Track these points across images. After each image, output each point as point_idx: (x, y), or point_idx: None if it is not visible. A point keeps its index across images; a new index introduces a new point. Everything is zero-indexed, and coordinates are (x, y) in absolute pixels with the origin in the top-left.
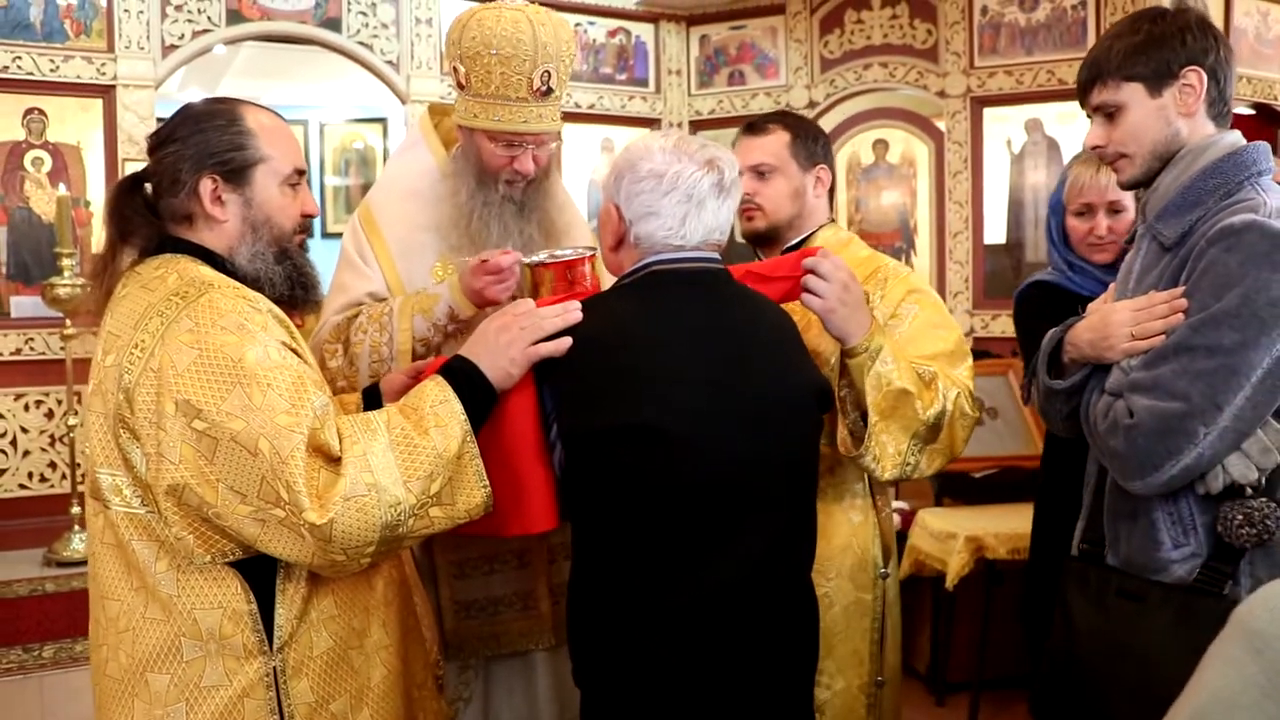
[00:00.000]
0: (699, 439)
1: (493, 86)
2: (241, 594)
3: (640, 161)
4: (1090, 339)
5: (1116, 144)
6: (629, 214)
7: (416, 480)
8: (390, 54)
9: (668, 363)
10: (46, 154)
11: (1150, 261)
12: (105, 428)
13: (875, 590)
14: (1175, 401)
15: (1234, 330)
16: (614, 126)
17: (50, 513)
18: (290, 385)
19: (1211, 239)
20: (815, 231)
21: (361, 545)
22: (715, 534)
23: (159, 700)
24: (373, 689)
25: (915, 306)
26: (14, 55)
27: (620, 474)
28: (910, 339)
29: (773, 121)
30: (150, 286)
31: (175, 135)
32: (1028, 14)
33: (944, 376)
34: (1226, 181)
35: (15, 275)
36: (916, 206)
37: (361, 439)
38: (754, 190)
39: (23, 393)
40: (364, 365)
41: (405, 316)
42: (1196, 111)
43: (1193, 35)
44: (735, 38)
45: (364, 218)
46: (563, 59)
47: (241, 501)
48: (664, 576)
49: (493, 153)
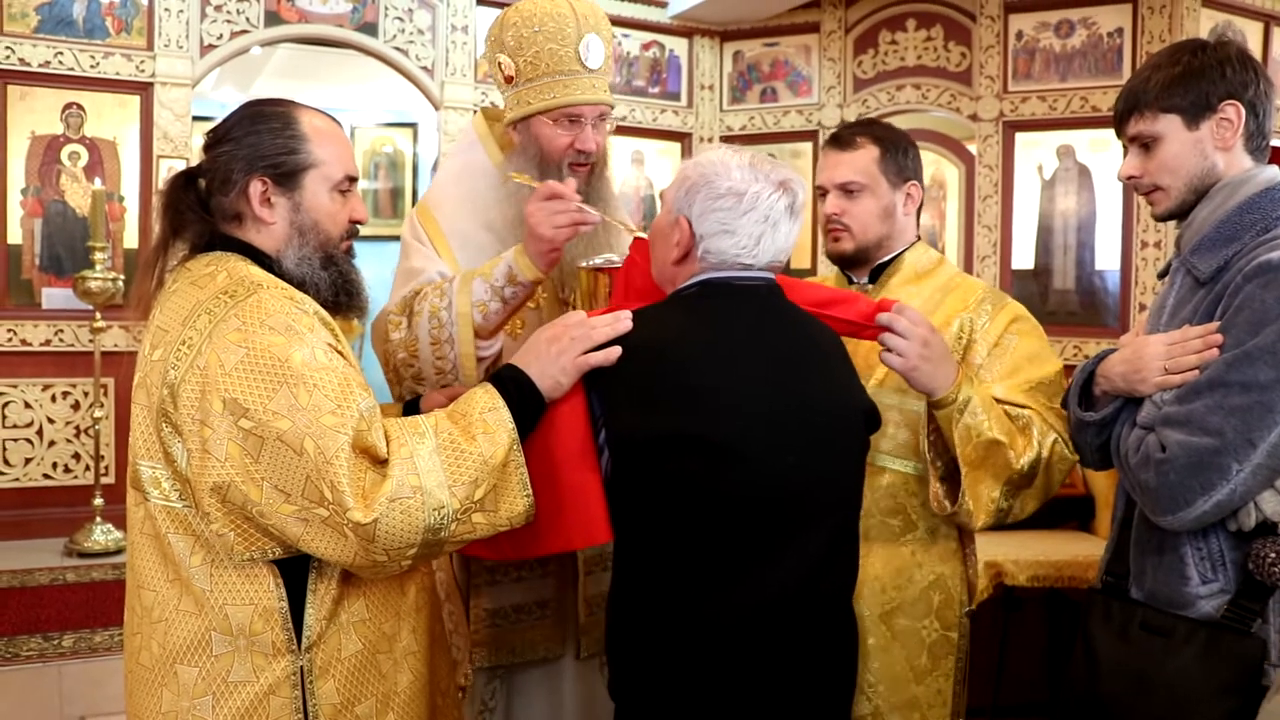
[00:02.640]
0: (748, 451)
1: (543, 65)
2: (274, 591)
3: (717, 178)
4: (1123, 371)
5: (1152, 175)
6: (701, 229)
7: (461, 485)
8: (425, 60)
9: (719, 374)
10: (83, 148)
11: (1184, 295)
12: (148, 421)
13: (960, 629)
14: (1208, 437)
15: (1269, 367)
16: (645, 139)
17: (73, 503)
18: (336, 387)
19: (1248, 275)
20: (903, 251)
21: (404, 546)
22: (759, 548)
23: (186, 692)
24: (399, 694)
25: (1017, 337)
26: (55, 51)
27: (666, 483)
28: (1012, 370)
29: (861, 134)
30: (200, 284)
31: (230, 134)
32: (1063, 40)
33: (1040, 420)
34: (1264, 217)
35: (48, 267)
36: (945, 229)
37: (409, 441)
38: (841, 210)
39: (50, 383)
40: (423, 332)
41: (465, 281)
42: (1234, 145)
43: (1233, 68)
44: (769, 54)
45: (423, 216)
46: (602, 30)
47: (286, 500)
48: (705, 589)
49: (553, 136)
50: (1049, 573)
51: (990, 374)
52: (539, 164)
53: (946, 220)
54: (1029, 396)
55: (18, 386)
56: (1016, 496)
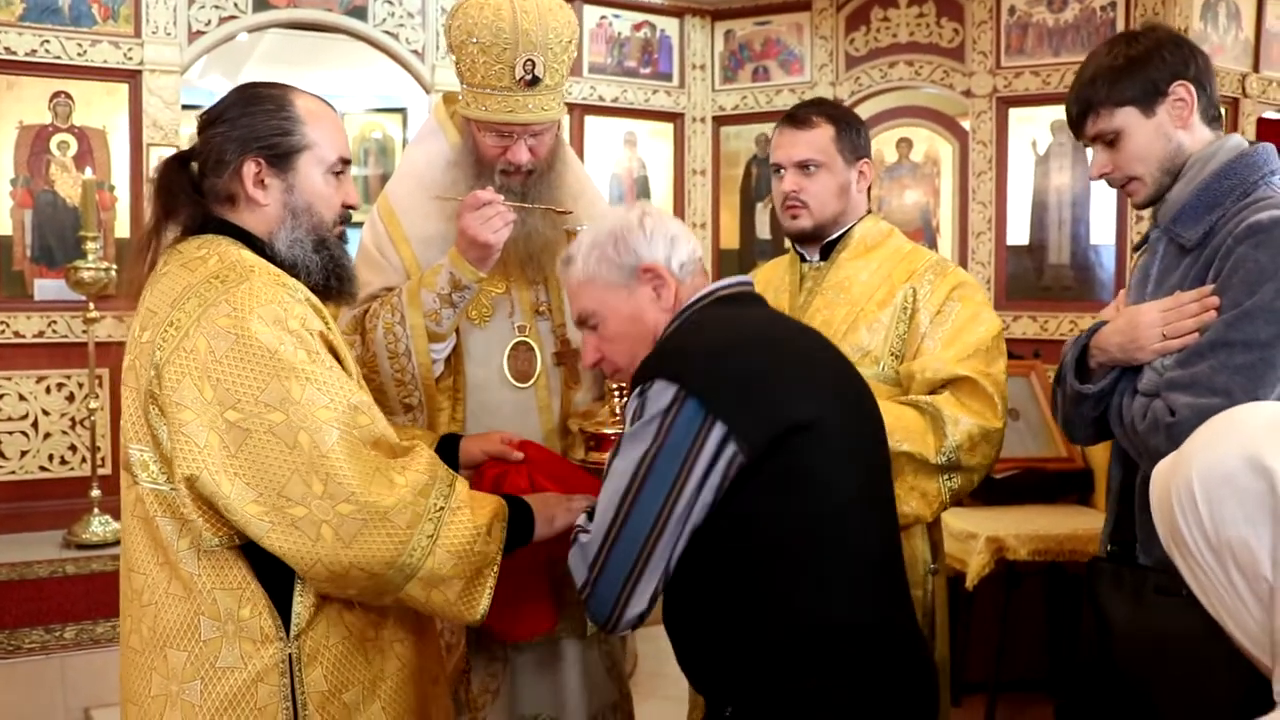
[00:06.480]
0: (845, 434)
1: (478, 76)
2: (259, 578)
3: (615, 226)
4: (1119, 342)
5: (1124, 169)
6: (655, 254)
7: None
8: (415, 43)
9: (797, 357)
10: (72, 138)
11: (1170, 264)
12: (136, 403)
13: (925, 586)
14: (1216, 397)
15: (1269, 324)
16: (637, 120)
17: (70, 495)
18: (330, 381)
19: (1239, 237)
20: (854, 224)
21: (377, 562)
22: (856, 536)
23: (175, 675)
24: (385, 681)
25: (958, 304)
26: (42, 39)
27: (794, 479)
28: (952, 336)
29: (816, 114)
30: (190, 266)
31: (224, 116)
32: (1056, 14)
33: (950, 407)
34: (1243, 181)
35: (39, 258)
36: (939, 206)
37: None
38: (799, 187)
39: (45, 375)
40: (380, 349)
41: (413, 295)
42: (1191, 121)
43: (1169, 50)
44: (760, 33)
45: (383, 209)
46: (550, 47)
47: (256, 498)
48: (825, 583)
49: (485, 142)
50: (1050, 546)
51: (933, 342)
52: (475, 164)
53: (941, 197)
54: (965, 365)
55: (12, 379)
56: (957, 477)
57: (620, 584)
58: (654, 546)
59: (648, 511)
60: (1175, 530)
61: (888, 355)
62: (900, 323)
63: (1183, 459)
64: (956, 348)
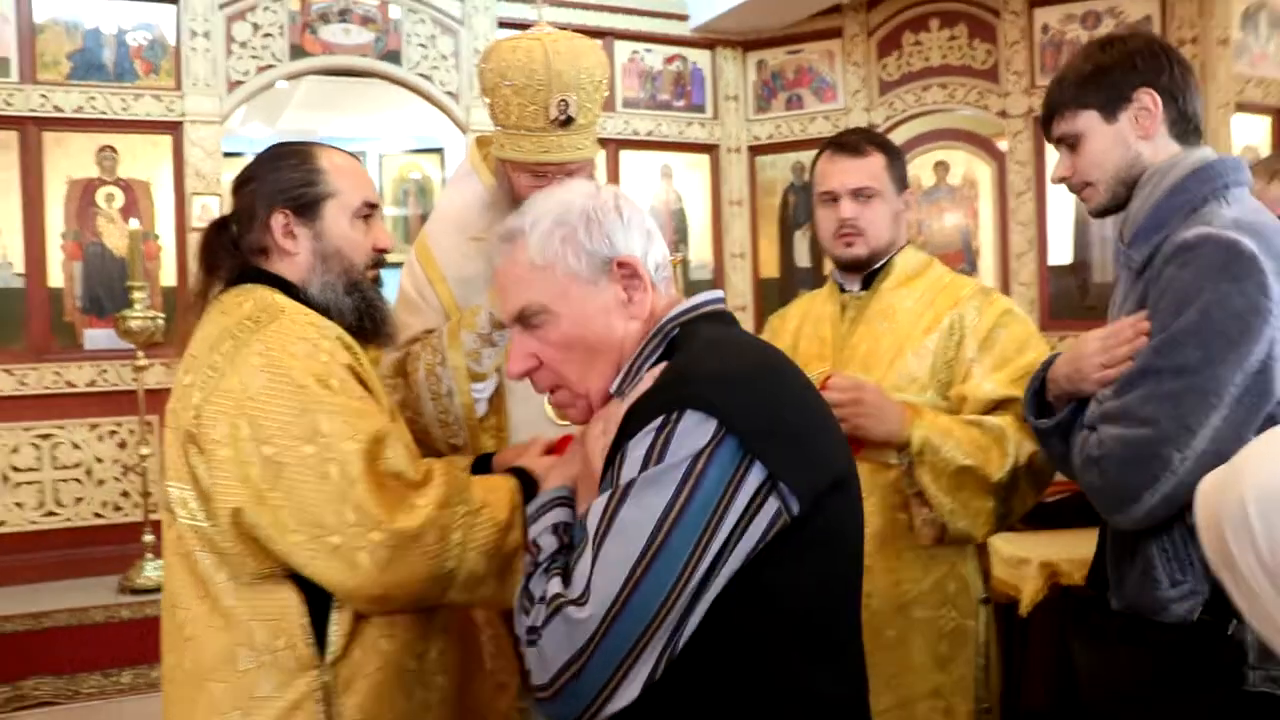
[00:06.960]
0: (855, 484)
1: (512, 118)
2: (297, 607)
3: (586, 206)
4: (1066, 373)
5: (1081, 173)
6: (633, 246)
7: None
8: (450, 85)
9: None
10: (119, 190)
11: (1127, 288)
12: (177, 443)
13: (979, 617)
14: (1144, 428)
15: (1197, 348)
16: (673, 153)
17: (124, 540)
18: (354, 412)
19: (1167, 257)
20: (893, 256)
21: (418, 579)
22: (854, 600)
23: (216, 708)
24: (424, 715)
25: (1005, 329)
26: (88, 96)
27: (830, 542)
28: (1001, 361)
29: (867, 142)
30: (228, 311)
31: (254, 175)
32: (1090, 31)
33: (1014, 427)
34: (1193, 198)
35: (88, 309)
36: (979, 228)
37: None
38: (856, 214)
39: (97, 423)
40: (424, 391)
41: (453, 335)
42: (1156, 133)
43: (1143, 58)
44: (792, 62)
45: (420, 252)
46: (583, 86)
47: (296, 528)
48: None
49: (521, 183)
50: None
51: (982, 367)
52: (511, 205)
53: (980, 219)
54: (1018, 387)
55: (65, 428)
56: (1010, 500)
57: (614, 667)
58: (664, 619)
59: (666, 577)
60: (1225, 552)
61: (934, 382)
62: (948, 349)
63: (1232, 476)
64: (1008, 370)
